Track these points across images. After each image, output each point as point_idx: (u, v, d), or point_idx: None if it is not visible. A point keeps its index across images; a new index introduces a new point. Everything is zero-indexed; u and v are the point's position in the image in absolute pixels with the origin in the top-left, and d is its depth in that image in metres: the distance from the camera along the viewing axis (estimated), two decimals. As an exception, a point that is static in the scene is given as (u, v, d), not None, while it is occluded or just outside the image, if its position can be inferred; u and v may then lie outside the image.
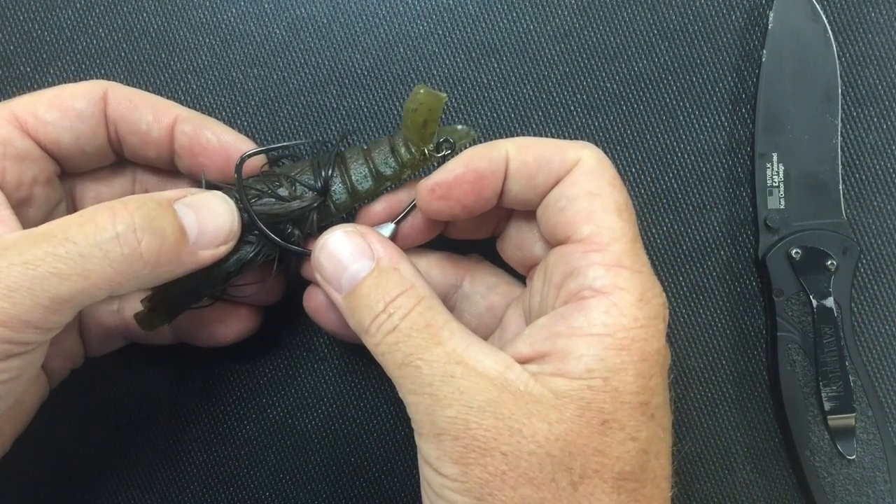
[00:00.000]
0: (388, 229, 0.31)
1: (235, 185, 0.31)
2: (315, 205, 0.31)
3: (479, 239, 0.34)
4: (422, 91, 0.30)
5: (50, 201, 0.32)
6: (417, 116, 0.30)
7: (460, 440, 0.25)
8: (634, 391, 0.25)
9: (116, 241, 0.26)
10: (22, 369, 0.26)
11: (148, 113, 0.31)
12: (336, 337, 0.34)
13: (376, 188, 0.32)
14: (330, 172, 0.31)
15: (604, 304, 0.25)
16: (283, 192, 0.31)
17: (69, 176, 0.33)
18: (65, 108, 0.31)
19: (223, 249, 0.29)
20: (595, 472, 0.24)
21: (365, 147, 0.32)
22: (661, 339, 0.26)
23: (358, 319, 0.28)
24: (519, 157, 0.28)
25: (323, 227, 0.31)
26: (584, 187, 0.27)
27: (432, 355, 0.25)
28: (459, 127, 0.32)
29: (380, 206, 0.32)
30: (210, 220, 0.29)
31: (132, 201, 0.27)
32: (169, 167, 0.33)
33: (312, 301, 0.33)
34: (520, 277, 0.33)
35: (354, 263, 0.28)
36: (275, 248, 0.31)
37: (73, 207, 0.34)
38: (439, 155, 0.31)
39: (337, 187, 0.32)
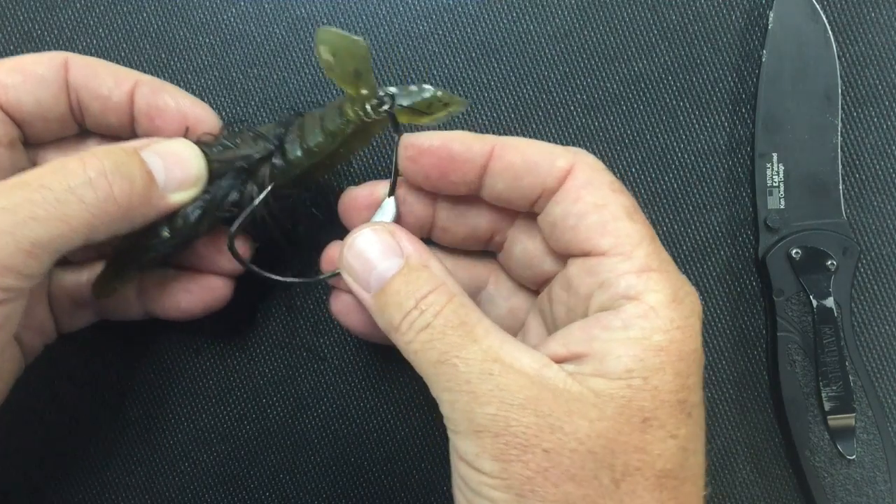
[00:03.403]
0: (390, 211, 0.31)
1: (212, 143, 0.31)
2: (265, 155, 0.31)
3: (474, 251, 0.33)
4: (326, 34, 0.28)
5: (14, 166, 0.32)
6: (345, 65, 0.29)
7: (501, 437, 0.25)
8: (673, 390, 0.25)
9: (90, 185, 0.27)
10: (5, 318, 0.27)
11: (109, 78, 0.32)
12: (363, 338, 0.34)
13: (326, 143, 0.31)
14: (285, 130, 0.31)
15: (640, 309, 0.25)
16: (245, 148, 0.31)
17: (33, 149, 0.33)
18: (26, 72, 0.31)
19: (192, 192, 0.30)
20: (637, 469, 0.25)
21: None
22: (698, 339, 0.26)
23: (388, 318, 0.28)
24: (505, 156, 0.28)
25: (281, 186, 0.31)
26: (587, 201, 0.27)
27: (469, 353, 0.25)
28: (426, 88, 0.30)
29: (364, 189, 0.32)
30: (176, 164, 0.30)
31: (99, 150, 0.28)
32: (131, 135, 0.33)
33: (339, 304, 0.33)
34: None
35: (384, 262, 0.28)
36: (231, 204, 0.31)
37: None
38: (382, 109, 0.30)
39: (291, 143, 0.31)
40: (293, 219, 0.34)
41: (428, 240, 0.33)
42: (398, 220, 0.31)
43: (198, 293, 0.34)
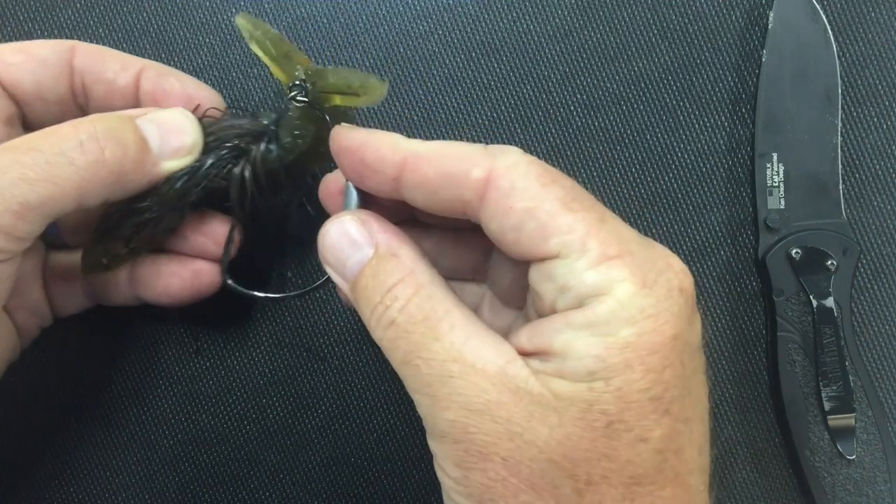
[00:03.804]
0: (353, 193, 0.29)
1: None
2: (259, 131, 0.31)
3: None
4: (243, 20, 0.30)
5: None
6: (266, 52, 0.31)
7: (460, 444, 0.24)
8: (642, 388, 0.23)
9: (80, 148, 0.27)
10: None
11: (115, 62, 0.32)
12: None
13: (303, 128, 0.31)
14: (282, 116, 0.32)
15: (607, 304, 0.23)
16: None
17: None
18: (29, 53, 0.32)
19: (187, 160, 0.30)
20: (603, 477, 0.23)
21: None
22: (678, 323, 0.24)
23: (361, 311, 0.27)
24: (419, 169, 0.26)
25: (274, 172, 0.32)
26: (518, 209, 0.24)
27: (430, 352, 0.24)
28: (339, 72, 0.30)
29: (334, 174, 0.31)
30: (172, 131, 0.30)
31: (93, 115, 0.28)
32: None
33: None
34: None
35: (356, 252, 0.27)
36: (219, 177, 0.32)
37: None
38: (297, 96, 0.31)
39: (284, 128, 0.32)
40: (285, 215, 0.34)
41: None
42: (364, 201, 0.29)
43: (187, 278, 0.34)
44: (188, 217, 0.33)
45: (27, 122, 0.33)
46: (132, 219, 0.31)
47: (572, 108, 0.39)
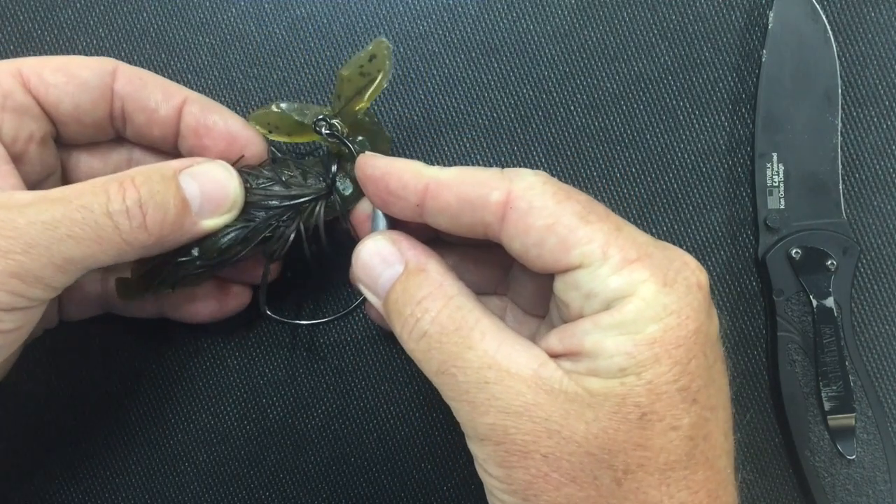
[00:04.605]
0: (382, 217, 0.31)
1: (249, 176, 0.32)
2: (320, 195, 0.32)
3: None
4: (258, 118, 0.33)
5: (44, 164, 0.32)
6: (289, 129, 0.33)
7: (501, 445, 0.25)
8: (671, 380, 0.24)
9: (126, 214, 0.27)
10: (21, 323, 0.27)
11: (157, 91, 0.32)
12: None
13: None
14: (336, 168, 0.32)
15: (632, 304, 0.25)
16: (296, 188, 0.32)
17: (65, 147, 0.34)
18: (71, 74, 0.31)
19: (226, 218, 0.30)
20: (639, 466, 0.24)
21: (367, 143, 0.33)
22: (699, 317, 0.25)
23: (393, 326, 0.28)
24: (440, 196, 0.27)
25: (330, 223, 0.32)
26: (538, 227, 0.26)
27: (465, 361, 0.25)
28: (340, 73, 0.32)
29: (365, 202, 0.32)
30: (213, 189, 0.30)
31: (138, 176, 0.28)
32: (171, 149, 0.34)
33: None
34: None
35: (387, 270, 0.28)
36: (272, 240, 0.32)
37: (65, 179, 0.34)
38: (325, 132, 0.32)
39: (342, 180, 0.32)
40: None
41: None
42: (391, 225, 0.31)
43: (223, 301, 0.35)
44: None
45: (60, 139, 0.33)
46: (178, 272, 0.31)
47: (572, 108, 0.39)
